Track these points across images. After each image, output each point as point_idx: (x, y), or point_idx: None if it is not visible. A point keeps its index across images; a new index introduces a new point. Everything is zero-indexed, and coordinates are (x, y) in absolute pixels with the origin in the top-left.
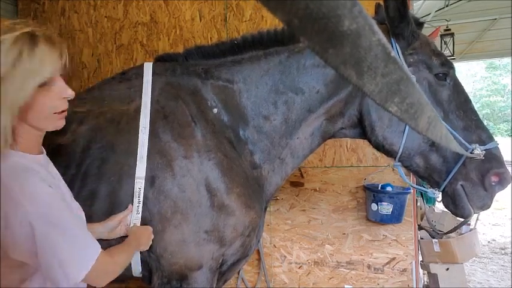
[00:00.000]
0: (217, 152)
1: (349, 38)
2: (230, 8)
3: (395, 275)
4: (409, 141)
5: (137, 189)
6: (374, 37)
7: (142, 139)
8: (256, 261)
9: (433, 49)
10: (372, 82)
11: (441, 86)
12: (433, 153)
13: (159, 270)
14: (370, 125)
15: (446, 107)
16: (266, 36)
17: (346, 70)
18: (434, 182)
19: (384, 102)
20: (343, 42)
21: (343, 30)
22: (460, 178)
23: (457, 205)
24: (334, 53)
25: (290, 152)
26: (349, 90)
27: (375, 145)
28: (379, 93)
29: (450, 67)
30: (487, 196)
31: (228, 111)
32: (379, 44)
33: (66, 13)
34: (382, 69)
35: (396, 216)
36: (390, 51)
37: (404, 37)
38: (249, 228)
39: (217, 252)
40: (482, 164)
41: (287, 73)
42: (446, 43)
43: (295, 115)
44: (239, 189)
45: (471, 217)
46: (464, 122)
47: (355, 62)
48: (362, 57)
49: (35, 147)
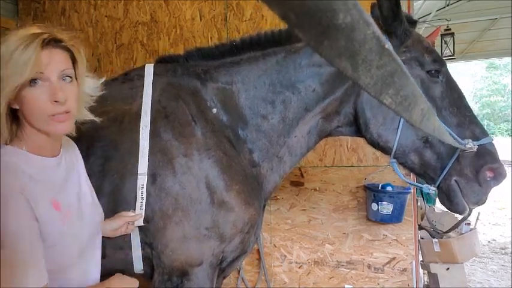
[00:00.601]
0: (216, 150)
1: (344, 31)
2: (230, 8)
3: (396, 274)
4: (403, 138)
5: (140, 186)
6: (368, 30)
7: (143, 137)
8: (256, 260)
9: (426, 46)
10: (366, 74)
11: (434, 83)
12: (427, 149)
13: (160, 266)
14: (365, 123)
15: (439, 104)
16: (264, 37)
17: (341, 63)
18: (429, 178)
19: (379, 95)
20: (337, 36)
21: (338, 24)
22: (454, 174)
23: (451, 201)
24: (329, 46)
25: (288, 150)
26: (345, 88)
27: (370, 142)
28: (374, 86)
29: (442, 64)
30: (481, 191)
31: (227, 111)
32: (373, 37)
33: (66, 12)
34: (376, 62)
35: (396, 216)
36: (384, 44)
37: (397, 35)
38: (248, 224)
39: (218, 248)
40: (477, 159)
41: (284, 73)
42: (447, 43)
43: (292, 114)
44: (238, 187)
45: (466, 212)
46: (457, 118)
47: (350, 55)
48: (357, 50)
49: (46, 149)
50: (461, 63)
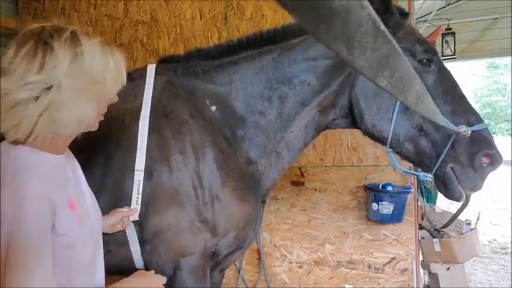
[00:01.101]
0: (213, 148)
1: (340, 14)
2: (231, 7)
3: (396, 274)
4: (397, 128)
5: (137, 181)
6: (364, 12)
7: (141, 134)
8: (256, 260)
9: (417, 37)
10: (362, 57)
11: (426, 72)
12: (422, 137)
13: (154, 259)
14: (360, 114)
15: (432, 92)
16: (260, 36)
17: (336, 46)
18: (426, 166)
19: (374, 77)
20: (333, 19)
21: (334, 7)
22: (449, 161)
23: (447, 188)
24: (325, 29)
25: (285, 145)
26: (340, 81)
27: (365, 133)
28: (369, 68)
29: (434, 53)
30: (477, 177)
31: (225, 109)
32: (369, 19)
33: (66, 12)
34: (372, 44)
35: (397, 215)
36: (380, 25)
37: (389, 26)
38: (244, 221)
39: (210, 241)
40: (472, 146)
41: (279, 69)
42: (448, 42)
43: (289, 109)
44: (234, 183)
45: (463, 199)
46: (451, 106)
47: (346, 38)
48: (352, 33)
49: (57, 147)
50: (462, 62)
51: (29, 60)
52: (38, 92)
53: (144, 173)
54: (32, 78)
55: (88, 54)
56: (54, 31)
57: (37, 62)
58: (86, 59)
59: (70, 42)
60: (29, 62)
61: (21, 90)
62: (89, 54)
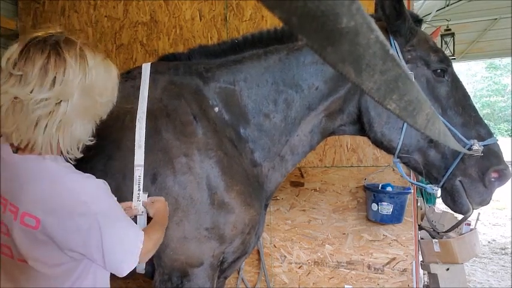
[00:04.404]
0: (217, 150)
1: (348, 36)
2: (230, 8)
3: (396, 275)
4: (407, 138)
5: (137, 177)
6: (372, 34)
7: (139, 128)
8: (256, 261)
9: (432, 46)
10: (370, 79)
11: (439, 83)
12: (432, 149)
13: (160, 266)
14: (369, 122)
15: (444, 103)
16: (266, 35)
17: (344, 68)
18: (433, 178)
19: (383, 100)
20: (341, 40)
21: (341, 28)
22: (458, 174)
23: (455, 201)
24: (333, 50)
25: (290, 149)
26: (348, 87)
27: (374, 141)
28: (377, 91)
29: (448, 64)
30: (486, 192)
31: (229, 110)
32: (377, 42)
33: (66, 12)
34: (380, 67)
35: (396, 216)
36: (388, 49)
37: (401, 34)
38: (249, 225)
39: (218, 249)
40: (482, 160)
41: (286, 70)
42: (447, 43)
43: (295, 113)
44: (239, 187)
45: (470, 213)
46: (462, 118)
47: (354, 60)
48: (360, 55)
49: None
50: (462, 63)
51: (43, 75)
52: (52, 107)
53: (148, 175)
54: (46, 94)
55: (95, 72)
56: (64, 44)
57: (51, 76)
58: (93, 78)
59: (80, 58)
60: (43, 76)
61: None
62: (96, 72)
